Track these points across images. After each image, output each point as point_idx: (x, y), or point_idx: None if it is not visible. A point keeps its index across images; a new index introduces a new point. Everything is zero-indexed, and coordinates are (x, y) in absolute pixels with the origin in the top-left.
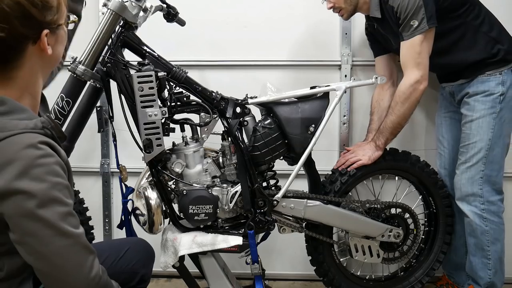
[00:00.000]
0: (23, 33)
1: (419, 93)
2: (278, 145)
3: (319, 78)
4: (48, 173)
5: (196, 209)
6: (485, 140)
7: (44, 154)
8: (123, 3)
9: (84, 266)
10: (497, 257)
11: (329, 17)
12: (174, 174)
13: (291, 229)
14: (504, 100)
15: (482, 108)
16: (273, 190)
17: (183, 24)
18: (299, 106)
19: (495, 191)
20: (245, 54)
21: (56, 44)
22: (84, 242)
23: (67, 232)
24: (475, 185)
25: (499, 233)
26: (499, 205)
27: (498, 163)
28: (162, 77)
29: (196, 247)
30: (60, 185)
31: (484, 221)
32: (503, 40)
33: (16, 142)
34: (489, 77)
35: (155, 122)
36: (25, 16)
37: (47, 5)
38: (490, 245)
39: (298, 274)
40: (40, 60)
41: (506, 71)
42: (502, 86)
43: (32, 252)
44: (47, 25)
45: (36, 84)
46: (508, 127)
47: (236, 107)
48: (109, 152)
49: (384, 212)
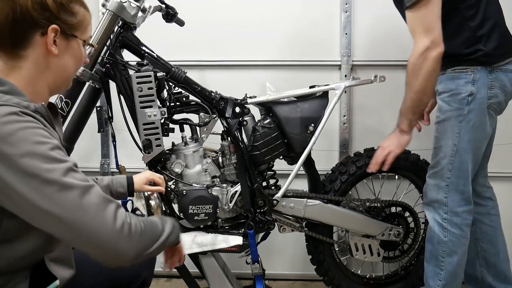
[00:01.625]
0: (34, 17)
1: (431, 62)
2: (277, 145)
3: (319, 78)
4: (33, 134)
5: (196, 209)
6: (450, 146)
7: (27, 120)
8: (122, 4)
9: (106, 216)
10: (450, 270)
11: (329, 17)
12: (173, 174)
13: (291, 228)
14: (474, 101)
15: (447, 109)
16: (273, 190)
17: (182, 24)
18: (298, 105)
19: (463, 201)
20: (245, 54)
21: (66, 52)
22: (97, 192)
23: (74, 184)
24: (441, 192)
25: (458, 246)
26: (464, 217)
27: (466, 171)
28: (161, 77)
29: (196, 247)
30: (51, 144)
31: (444, 231)
32: (488, 43)
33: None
34: (459, 74)
35: (155, 122)
36: (42, 4)
37: (67, 8)
38: (445, 256)
39: (298, 274)
40: (45, 58)
41: (480, 68)
42: (472, 85)
43: (43, 218)
44: (59, 22)
45: (39, 85)
46: (479, 131)
47: (236, 107)
48: (109, 152)
49: (384, 210)
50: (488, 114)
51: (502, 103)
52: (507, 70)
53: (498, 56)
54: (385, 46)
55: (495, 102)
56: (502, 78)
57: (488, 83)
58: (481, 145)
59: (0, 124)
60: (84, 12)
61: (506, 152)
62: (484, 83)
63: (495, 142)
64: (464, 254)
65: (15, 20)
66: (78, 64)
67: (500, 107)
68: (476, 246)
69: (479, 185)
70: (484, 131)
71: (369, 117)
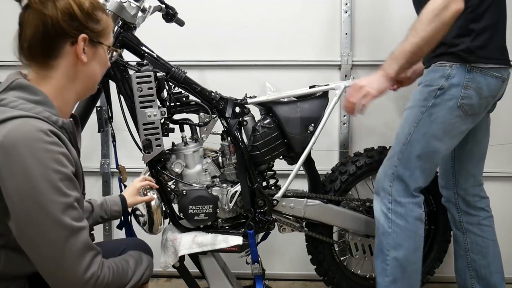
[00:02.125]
0: (64, 28)
1: (450, 13)
2: (277, 145)
3: (319, 78)
4: (52, 160)
5: (196, 209)
6: (405, 134)
7: (53, 141)
8: (121, 4)
9: (80, 263)
10: (396, 265)
11: (329, 17)
12: (173, 174)
13: (291, 228)
14: (442, 95)
15: (416, 98)
16: (273, 190)
17: (182, 24)
18: (298, 105)
19: (407, 192)
20: (245, 54)
21: (93, 59)
22: (84, 237)
23: (66, 223)
24: (386, 180)
25: (403, 239)
26: (409, 208)
27: (414, 163)
28: (161, 77)
29: (196, 247)
30: (63, 174)
31: (388, 221)
32: (476, 40)
33: (31, 123)
34: (438, 68)
35: (155, 122)
36: (71, 14)
37: (93, 16)
38: (390, 249)
39: (298, 274)
40: (75, 67)
41: (459, 66)
42: (445, 80)
43: (28, 239)
44: (88, 31)
45: (68, 93)
46: (440, 128)
47: (236, 107)
48: (109, 152)
49: None
50: (457, 114)
51: (475, 106)
52: (487, 74)
53: (481, 57)
54: (385, 46)
55: (467, 104)
56: (480, 80)
57: (464, 82)
58: (441, 144)
59: (28, 137)
60: (106, 18)
61: (506, 152)
62: (459, 81)
63: (495, 142)
64: (415, 250)
65: (46, 32)
66: (103, 69)
67: (472, 109)
68: (467, 257)
69: (470, 194)
70: (446, 130)
71: (369, 117)
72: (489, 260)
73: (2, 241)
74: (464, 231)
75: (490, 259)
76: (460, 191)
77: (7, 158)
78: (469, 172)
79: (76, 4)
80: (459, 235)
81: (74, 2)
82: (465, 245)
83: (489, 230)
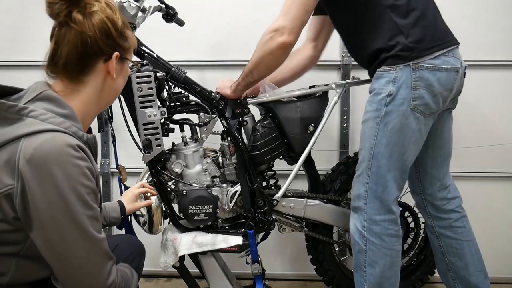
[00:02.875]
0: (100, 46)
1: (275, 45)
2: (277, 145)
3: (319, 78)
4: (80, 174)
5: (196, 209)
6: (367, 149)
7: (81, 156)
8: (121, 3)
9: (103, 272)
10: (373, 282)
11: None
12: (173, 174)
13: (291, 228)
14: (392, 102)
15: (368, 110)
16: (273, 190)
17: (182, 24)
18: (298, 105)
19: (383, 209)
20: (245, 54)
21: (120, 74)
22: (105, 247)
23: (91, 234)
24: (361, 198)
25: (379, 257)
26: (384, 226)
27: (384, 177)
28: (161, 77)
29: (196, 247)
30: (89, 188)
31: (364, 239)
32: (410, 35)
33: (61, 138)
34: (382, 73)
35: (154, 122)
36: (107, 33)
37: (124, 34)
38: (367, 266)
39: (298, 274)
40: (103, 83)
41: (402, 67)
42: (393, 85)
43: (54, 250)
44: (120, 49)
45: (93, 106)
46: (401, 135)
47: (235, 107)
48: (109, 152)
49: None
50: (414, 117)
51: (430, 105)
52: (434, 68)
53: (422, 50)
54: None
55: (421, 104)
56: (428, 77)
57: (412, 83)
58: (405, 150)
59: (58, 152)
60: (131, 35)
61: (506, 152)
62: (407, 83)
63: (495, 142)
64: (391, 266)
65: (84, 50)
66: (125, 82)
67: (428, 109)
68: (444, 260)
69: (437, 198)
70: (406, 135)
71: None
72: (467, 261)
73: (16, 249)
74: (437, 235)
75: (467, 260)
76: (427, 196)
77: (37, 171)
78: (434, 176)
79: (110, 23)
80: (434, 239)
81: (108, 20)
82: (441, 248)
83: (463, 231)
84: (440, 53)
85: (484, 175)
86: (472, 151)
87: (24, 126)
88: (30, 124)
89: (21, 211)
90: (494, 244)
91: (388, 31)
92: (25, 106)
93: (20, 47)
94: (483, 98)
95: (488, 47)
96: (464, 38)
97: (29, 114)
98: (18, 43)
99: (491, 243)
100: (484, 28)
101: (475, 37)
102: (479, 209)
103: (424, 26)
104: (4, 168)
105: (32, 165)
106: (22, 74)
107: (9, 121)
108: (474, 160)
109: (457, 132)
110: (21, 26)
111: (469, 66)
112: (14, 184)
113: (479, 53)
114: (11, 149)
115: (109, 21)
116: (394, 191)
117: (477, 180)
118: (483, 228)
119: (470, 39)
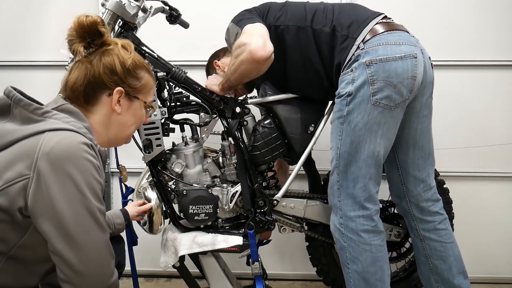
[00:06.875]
0: (103, 80)
1: (247, 54)
2: (277, 145)
3: None
4: (94, 169)
5: (196, 209)
6: (335, 148)
7: (94, 154)
8: (121, 3)
9: (109, 267)
10: (358, 278)
11: None
12: (174, 174)
13: (292, 228)
14: (353, 101)
15: (333, 111)
16: (273, 190)
17: (187, 26)
18: (298, 105)
19: (356, 205)
20: None
21: (128, 111)
22: (111, 244)
23: (104, 227)
24: (335, 195)
25: (359, 253)
26: (359, 222)
27: (353, 173)
28: (162, 77)
29: (196, 247)
30: (100, 184)
31: (343, 236)
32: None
33: (78, 137)
34: (343, 77)
35: (155, 122)
36: (112, 70)
37: (133, 74)
38: (350, 263)
39: (298, 274)
40: (109, 116)
41: (357, 66)
42: (351, 85)
43: (70, 241)
44: (124, 85)
45: (101, 137)
46: (365, 132)
47: (236, 107)
48: (109, 152)
49: (385, 211)
50: (377, 111)
51: (392, 96)
52: (388, 60)
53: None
54: None
55: (382, 97)
56: (384, 69)
57: (369, 79)
58: (374, 145)
59: (76, 148)
60: (148, 77)
61: (506, 152)
62: (364, 80)
63: (495, 142)
64: (374, 261)
65: (89, 82)
66: (138, 123)
67: (391, 101)
68: (428, 263)
69: (422, 199)
70: (372, 131)
71: None
72: (450, 263)
73: (7, 247)
74: (421, 239)
75: (451, 262)
76: (412, 198)
77: (54, 166)
78: (417, 178)
79: (119, 61)
80: (418, 242)
81: (118, 59)
82: (425, 252)
83: (446, 233)
84: (386, 41)
85: (484, 175)
86: (472, 151)
87: (49, 124)
88: (54, 123)
89: (33, 200)
90: (494, 244)
91: (330, 41)
92: (49, 109)
93: (20, 47)
94: (483, 98)
95: (488, 47)
96: (464, 38)
97: (53, 116)
98: (18, 43)
99: (491, 243)
100: (484, 28)
101: (475, 37)
102: (479, 209)
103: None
104: (22, 158)
105: (49, 159)
106: (22, 74)
107: (33, 121)
108: (474, 160)
109: (457, 132)
110: (21, 26)
111: (469, 66)
112: (30, 174)
113: (479, 53)
114: (32, 141)
115: (118, 59)
116: (368, 187)
117: (477, 180)
118: (483, 228)
119: (470, 39)
